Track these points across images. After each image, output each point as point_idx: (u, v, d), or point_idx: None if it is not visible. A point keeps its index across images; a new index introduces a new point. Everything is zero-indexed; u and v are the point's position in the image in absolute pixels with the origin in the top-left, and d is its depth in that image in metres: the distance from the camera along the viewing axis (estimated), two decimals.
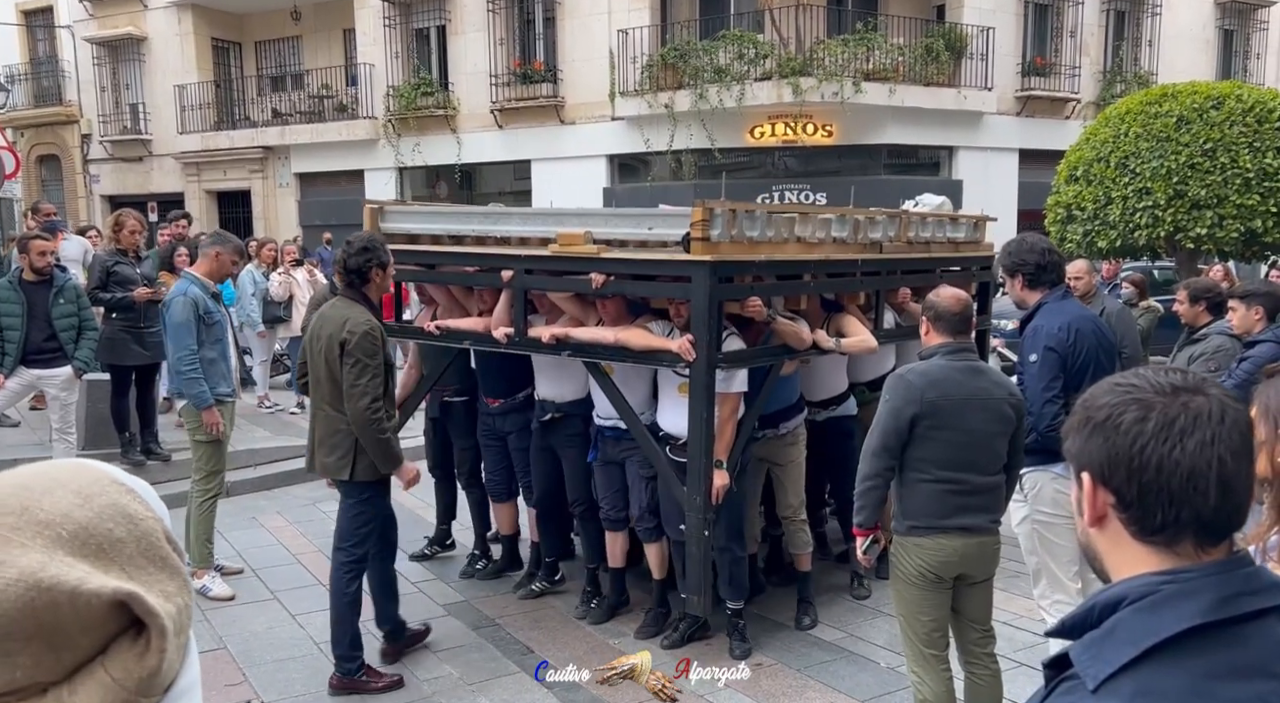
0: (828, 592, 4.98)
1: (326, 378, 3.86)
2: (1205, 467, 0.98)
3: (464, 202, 16.99)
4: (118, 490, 0.75)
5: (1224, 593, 0.98)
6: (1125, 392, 1.04)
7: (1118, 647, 0.97)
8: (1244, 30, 19.03)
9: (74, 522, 0.70)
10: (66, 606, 0.66)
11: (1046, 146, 15.48)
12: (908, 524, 3.16)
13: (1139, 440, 1.00)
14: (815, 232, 4.36)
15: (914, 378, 3.11)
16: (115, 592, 0.68)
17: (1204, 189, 9.79)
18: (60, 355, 5.92)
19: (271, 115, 19.75)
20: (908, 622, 3.21)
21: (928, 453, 3.09)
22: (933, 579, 3.14)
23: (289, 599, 4.96)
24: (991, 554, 3.23)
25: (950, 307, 3.17)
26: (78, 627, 0.67)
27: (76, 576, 0.67)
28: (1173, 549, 1.02)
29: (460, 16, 17.36)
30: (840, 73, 14.52)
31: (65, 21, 21.27)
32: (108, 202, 20.87)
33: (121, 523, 0.72)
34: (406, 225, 5.01)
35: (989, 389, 3.14)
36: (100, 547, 0.70)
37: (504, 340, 4.39)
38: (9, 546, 0.67)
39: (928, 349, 3.22)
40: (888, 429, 3.10)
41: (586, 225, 4.15)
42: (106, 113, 21.04)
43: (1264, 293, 4.82)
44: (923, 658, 3.19)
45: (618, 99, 15.99)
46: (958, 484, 3.10)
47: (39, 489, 0.71)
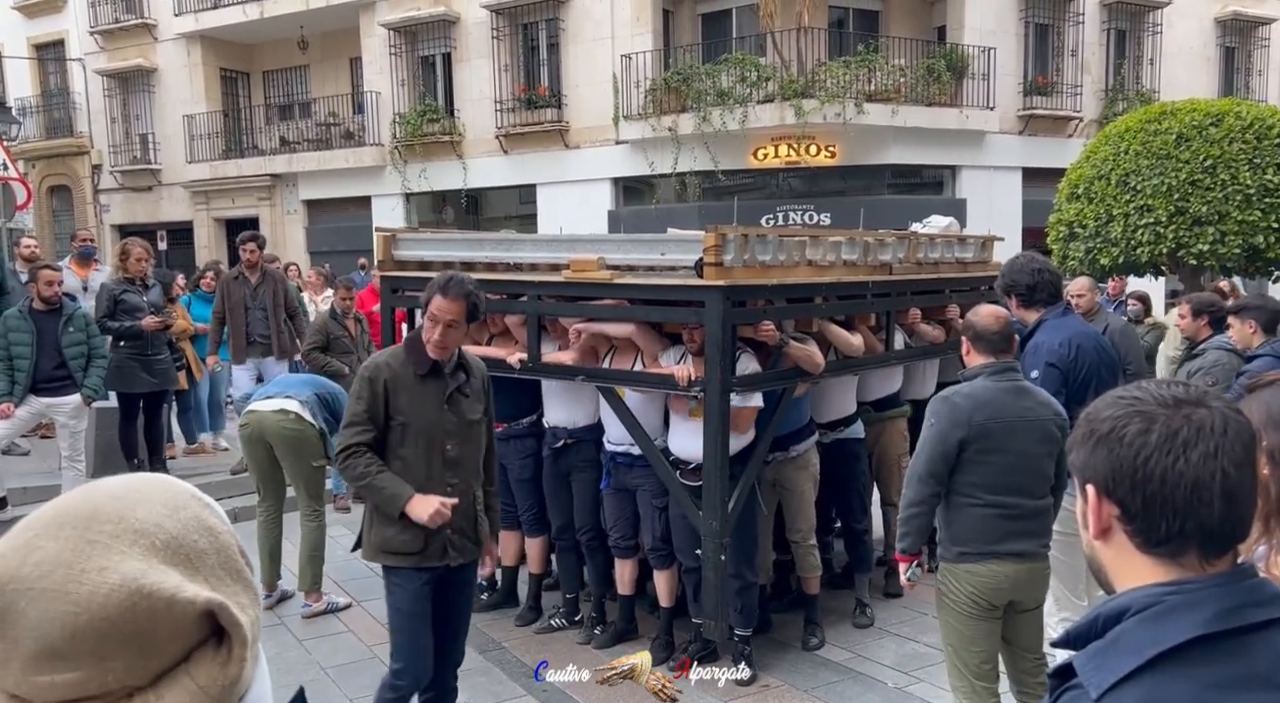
0: (833, 614, 4.98)
1: None
2: (1209, 478, 0.99)
3: (470, 227, 17.10)
4: (199, 505, 0.78)
5: (1228, 604, 0.99)
6: (1129, 405, 1.05)
7: (1121, 656, 0.98)
8: (1245, 48, 19.13)
9: (166, 532, 0.72)
10: (164, 612, 0.68)
11: (1050, 165, 15.52)
12: (957, 551, 3.05)
13: (1143, 453, 1.01)
14: (826, 254, 4.40)
15: (960, 400, 3.03)
16: (208, 601, 0.70)
17: (1205, 205, 9.83)
18: (69, 384, 5.96)
19: (279, 143, 19.93)
20: (958, 653, 3.10)
21: (977, 477, 3.00)
22: (986, 607, 3.03)
23: (295, 624, 4.97)
24: (1042, 580, 3.15)
25: (990, 326, 3.10)
26: (169, 633, 0.69)
27: (173, 583, 0.69)
28: (1177, 561, 1.03)
29: (465, 44, 17.55)
30: (842, 94, 14.63)
31: (76, 54, 21.54)
32: (117, 231, 21.03)
33: (204, 535, 0.75)
34: (419, 253, 5.07)
35: (1035, 409, 3.07)
36: (188, 557, 0.72)
37: (518, 366, 4.43)
38: (110, 552, 0.69)
39: (971, 370, 3.14)
40: (934, 454, 3.00)
41: (599, 251, 4.20)
42: (117, 143, 21.27)
43: (1256, 307, 4.81)
44: (974, 692, 3.07)
45: (621, 123, 16.13)
46: (1009, 509, 3.02)
47: (132, 500, 0.74)
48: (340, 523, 6.81)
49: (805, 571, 4.65)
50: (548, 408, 4.70)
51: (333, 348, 6.95)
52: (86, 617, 0.67)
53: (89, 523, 0.71)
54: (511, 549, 5.14)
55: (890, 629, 4.79)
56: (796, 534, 4.62)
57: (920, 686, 4.17)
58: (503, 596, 5.19)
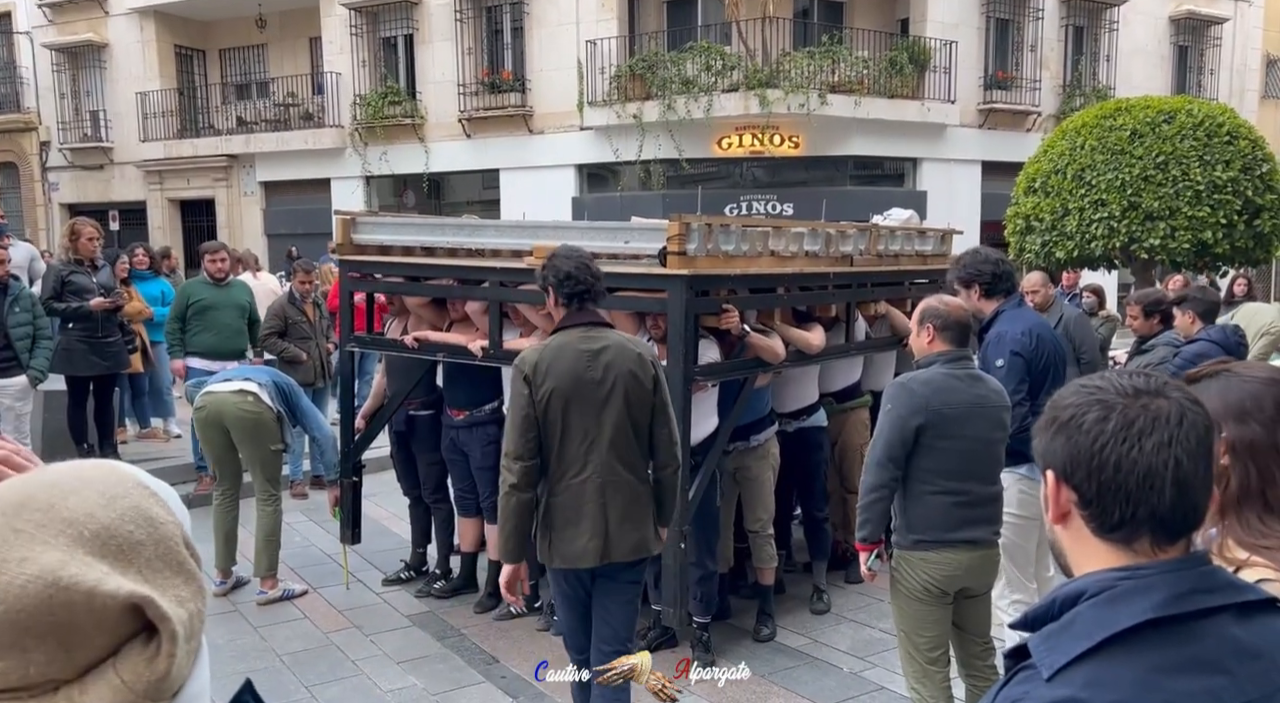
0: (792, 600, 5.03)
1: None
2: (1162, 467, 1.02)
3: (432, 211, 16.92)
4: (141, 493, 0.75)
5: (1179, 590, 1.02)
6: (1090, 393, 1.08)
7: (1073, 639, 1.01)
8: (1198, 47, 19.54)
9: (97, 522, 0.70)
10: (82, 605, 0.67)
11: (1008, 159, 15.76)
12: (913, 538, 3.07)
13: (1099, 440, 1.04)
14: (788, 245, 4.43)
15: (917, 386, 3.05)
16: (130, 595, 0.68)
17: (1157, 201, 10.05)
18: (14, 365, 5.81)
19: (236, 123, 19.54)
20: (910, 638, 3.13)
21: (933, 463, 3.03)
22: (937, 594, 3.06)
23: (250, 611, 4.92)
24: (993, 566, 3.20)
25: (960, 317, 3.14)
26: (92, 627, 0.67)
27: (95, 576, 0.67)
28: (1131, 546, 1.06)
29: (428, 25, 17.32)
30: (806, 85, 14.70)
31: (24, 28, 20.90)
32: (67, 210, 20.50)
33: (142, 526, 0.73)
34: (379, 237, 5.00)
35: (988, 396, 3.12)
36: (120, 548, 0.70)
37: (480, 354, 4.40)
38: (33, 542, 0.68)
39: (927, 357, 3.15)
40: (893, 440, 3.01)
41: (562, 238, 4.17)
42: (66, 120, 20.68)
43: (1195, 298, 5.06)
44: (925, 675, 3.11)
45: (586, 109, 16.04)
46: (963, 496, 3.05)
47: (66, 488, 0.72)
48: (298, 510, 6.74)
49: (761, 561, 4.68)
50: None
51: (290, 334, 6.84)
52: (3, 608, 0.65)
53: (18, 511, 0.69)
54: (471, 536, 5.13)
55: (846, 615, 4.86)
56: (756, 523, 4.65)
57: (875, 671, 4.24)
58: (461, 582, 5.18)
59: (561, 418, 2.96)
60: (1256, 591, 1.09)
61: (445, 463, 5.09)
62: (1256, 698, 1.01)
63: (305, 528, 6.36)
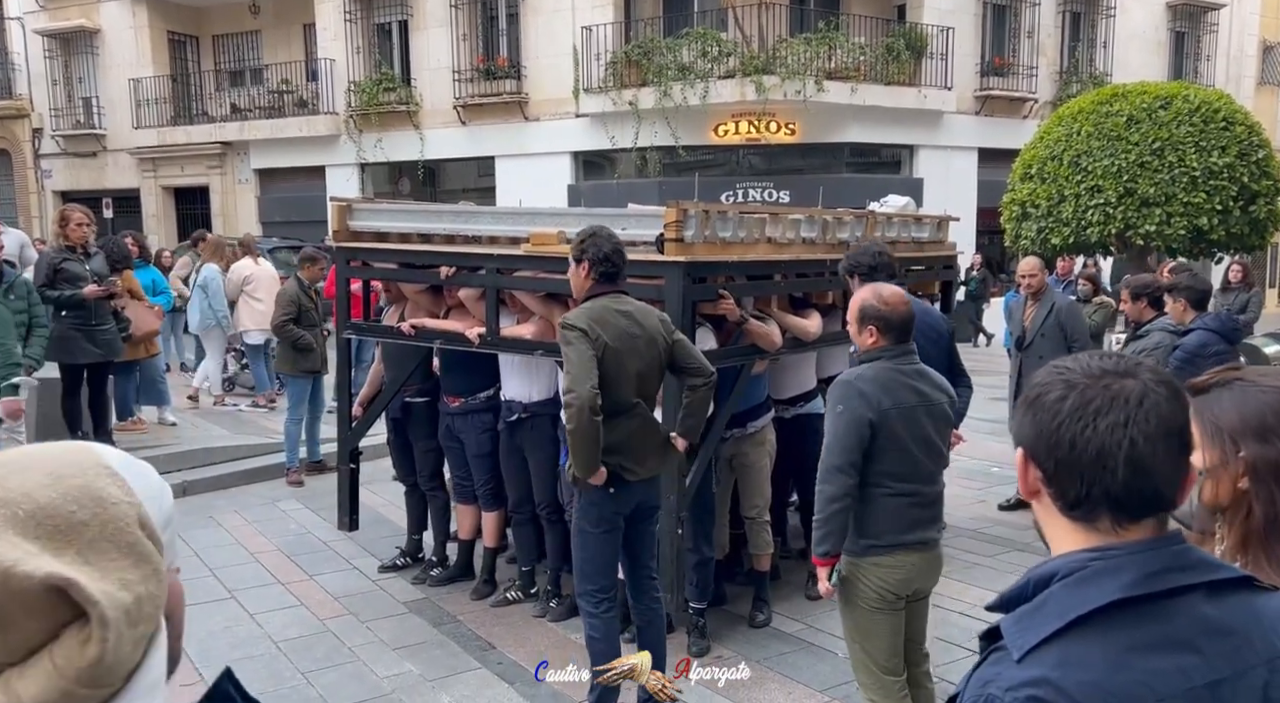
0: (787, 586, 5.05)
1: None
2: (1115, 447, 1.02)
3: (427, 198, 16.87)
4: (97, 473, 0.73)
5: (1149, 569, 1.02)
6: (1059, 374, 1.09)
7: (1044, 620, 1.02)
8: (1195, 33, 19.49)
9: (33, 502, 0.68)
10: (0, 586, 0.65)
11: (1005, 145, 15.74)
12: (865, 544, 2.93)
13: (1057, 419, 1.05)
14: (785, 232, 4.42)
15: (865, 386, 2.88)
16: (48, 576, 0.65)
17: (1153, 187, 10.05)
18: None
19: (230, 110, 19.43)
20: (865, 649, 2.99)
21: (885, 465, 2.89)
22: (892, 599, 2.94)
23: (246, 598, 4.92)
24: (939, 566, 3.11)
25: (905, 314, 2.95)
26: (19, 609, 0.66)
27: (13, 557, 0.65)
28: (1093, 525, 1.06)
29: (423, 11, 17.22)
30: (803, 71, 14.64)
31: (15, 13, 20.74)
32: (60, 197, 20.39)
33: (87, 506, 0.70)
34: (375, 223, 4.99)
35: (933, 393, 2.99)
36: (58, 528, 0.68)
37: (476, 341, 4.40)
38: None
39: (870, 352, 2.96)
40: (850, 444, 2.83)
41: (560, 225, 4.17)
42: (59, 107, 20.57)
43: (1186, 286, 5.05)
44: (883, 685, 2.97)
45: (582, 96, 15.98)
46: (914, 497, 2.94)
47: (12, 468, 0.71)
48: (294, 497, 6.75)
49: (757, 548, 4.69)
50: (505, 382, 4.67)
51: (301, 321, 6.88)
52: None
53: None
54: (468, 523, 5.14)
55: None
56: (752, 510, 4.66)
57: None
58: (459, 570, 5.18)
59: (615, 367, 3.34)
60: (1230, 569, 1.10)
61: (441, 450, 5.09)
62: (1228, 676, 1.01)
63: (301, 516, 6.37)
